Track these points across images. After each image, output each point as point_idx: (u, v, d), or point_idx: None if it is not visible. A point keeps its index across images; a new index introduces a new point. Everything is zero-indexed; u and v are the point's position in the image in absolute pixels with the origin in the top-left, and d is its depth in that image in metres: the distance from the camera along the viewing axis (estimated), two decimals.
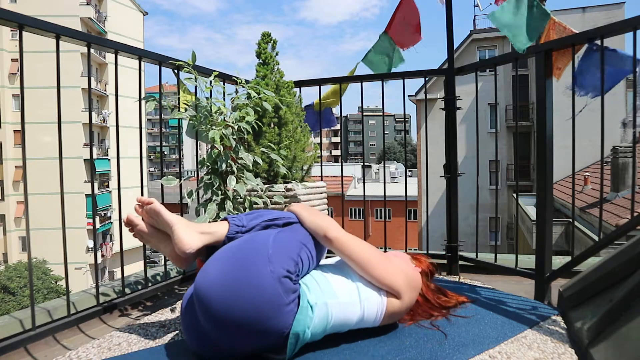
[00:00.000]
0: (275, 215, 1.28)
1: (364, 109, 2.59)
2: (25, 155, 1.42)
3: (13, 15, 1.25)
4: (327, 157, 49.60)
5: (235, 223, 1.23)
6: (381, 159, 55.28)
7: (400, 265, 1.32)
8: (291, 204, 1.38)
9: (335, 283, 1.20)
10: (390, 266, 1.26)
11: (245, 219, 1.25)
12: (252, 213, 1.30)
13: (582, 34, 1.63)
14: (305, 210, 1.31)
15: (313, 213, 1.30)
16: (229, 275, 1.05)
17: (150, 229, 1.26)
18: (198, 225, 1.21)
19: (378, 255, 1.26)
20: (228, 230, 1.21)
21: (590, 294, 1.39)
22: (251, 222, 1.25)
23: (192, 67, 1.72)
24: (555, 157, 1.71)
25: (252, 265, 1.05)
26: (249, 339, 1.04)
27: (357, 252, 1.23)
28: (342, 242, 1.22)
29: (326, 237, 1.22)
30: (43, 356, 1.35)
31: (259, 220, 1.26)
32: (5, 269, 16.54)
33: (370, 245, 1.30)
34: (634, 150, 1.74)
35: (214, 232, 1.20)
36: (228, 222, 1.24)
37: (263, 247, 1.10)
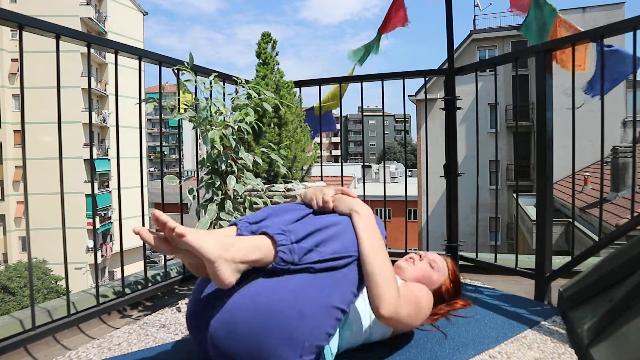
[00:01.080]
0: (337, 252, 1.02)
1: (364, 109, 2.59)
2: (25, 155, 1.42)
3: (13, 15, 1.25)
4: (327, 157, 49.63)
5: (284, 258, 0.98)
6: (381, 159, 55.28)
7: (425, 310, 1.19)
8: (357, 213, 1.10)
9: (350, 315, 1.17)
10: (420, 317, 1.16)
11: (297, 251, 0.99)
12: (308, 232, 1.02)
13: (583, 34, 1.63)
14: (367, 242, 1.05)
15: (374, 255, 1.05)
16: (252, 345, 0.94)
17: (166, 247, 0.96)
18: (239, 253, 0.95)
19: (418, 316, 1.14)
20: (274, 262, 0.99)
21: (590, 294, 1.39)
22: (305, 257, 0.99)
23: (191, 67, 1.72)
24: (555, 157, 1.71)
25: (280, 352, 0.93)
26: None
27: (402, 327, 1.13)
28: (392, 322, 1.06)
29: (378, 312, 1.03)
30: (43, 356, 1.35)
31: (314, 257, 1.00)
32: (5, 269, 16.54)
33: (414, 308, 1.12)
34: (634, 150, 1.74)
35: (257, 261, 0.98)
36: (275, 249, 0.98)
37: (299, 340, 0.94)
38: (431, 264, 1.40)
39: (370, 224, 1.09)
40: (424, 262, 1.41)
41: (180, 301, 1.79)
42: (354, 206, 1.12)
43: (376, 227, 1.11)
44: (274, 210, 1.15)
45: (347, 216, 1.11)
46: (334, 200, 1.16)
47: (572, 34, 1.75)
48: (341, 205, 1.14)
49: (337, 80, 2.48)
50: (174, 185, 1.69)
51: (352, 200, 1.15)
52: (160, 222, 0.90)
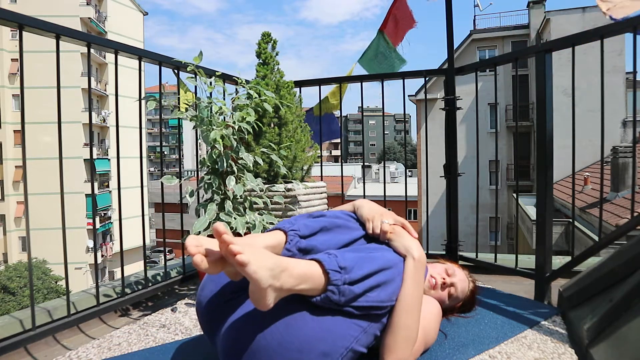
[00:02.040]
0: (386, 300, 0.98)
1: (364, 109, 2.59)
2: (25, 155, 1.42)
3: (13, 15, 1.25)
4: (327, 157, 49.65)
5: (332, 298, 0.92)
6: (381, 159, 55.28)
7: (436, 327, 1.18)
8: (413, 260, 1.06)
9: None
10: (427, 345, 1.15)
11: (347, 294, 0.92)
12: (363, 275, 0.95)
13: (583, 34, 1.63)
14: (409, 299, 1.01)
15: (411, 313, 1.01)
16: None
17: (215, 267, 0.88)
18: (289, 282, 0.87)
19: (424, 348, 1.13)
20: (319, 296, 0.92)
21: (590, 294, 1.39)
22: (352, 301, 0.93)
23: (196, 66, 1.73)
24: (555, 157, 1.71)
25: None
26: None
27: None
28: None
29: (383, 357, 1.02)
30: (43, 356, 1.35)
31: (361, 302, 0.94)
32: (5, 269, 16.53)
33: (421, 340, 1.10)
34: (634, 150, 1.74)
35: (304, 290, 0.91)
36: (325, 285, 0.92)
37: None
38: (450, 292, 1.31)
39: (419, 274, 1.06)
40: (444, 292, 1.31)
41: (180, 301, 1.79)
42: (411, 249, 1.08)
43: (422, 279, 1.07)
44: (327, 222, 1.10)
45: (401, 257, 1.07)
46: (391, 232, 1.12)
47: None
48: (398, 242, 1.10)
49: (337, 80, 2.48)
50: (174, 185, 1.69)
51: (410, 240, 1.10)
52: (219, 232, 0.82)
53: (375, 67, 2.51)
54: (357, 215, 1.22)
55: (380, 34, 2.50)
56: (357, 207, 1.24)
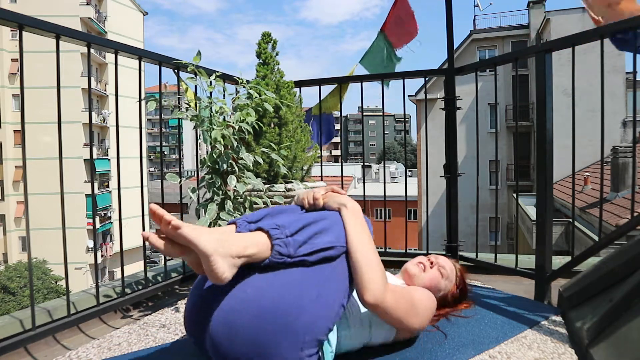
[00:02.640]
0: (329, 243, 1.04)
1: (364, 109, 2.59)
2: (25, 155, 1.42)
3: (13, 15, 1.25)
4: (327, 157, 49.64)
5: (280, 251, 0.99)
6: (381, 159, 55.28)
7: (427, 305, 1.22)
8: (345, 208, 1.14)
9: (349, 314, 1.17)
10: (416, 318, 1.17)
11: (292, 245, 1.00)
12: (302, 230, 1.03)
13: (583, 34, 1.63)
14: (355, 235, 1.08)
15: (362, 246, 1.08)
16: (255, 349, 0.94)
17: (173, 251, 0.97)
18: (235, 247, 0.96)
19: (412, 312, 1.15)
20: (269, 258, 1.00)
21: (590, 294, 1.39)
22: (299, 249, 1.01)
23: (196, 66, 1.73)
24: (555, 157, 1.71)
25: (282, 350, 0.93)
26: None
27: (391, 318, 1.11)
28: (378, 310, 1.08)
29: (363, 298, 1.05)
30: (43, 356, 1.35)
31: (308, 249, 1.01)
32: (5, 269, 16.55)
33: (405, 301, 1.13)
34: (634, 150, 1.74)
35: (253, 255, 0.99)
36: (271, 243, 1.00)
37: (298, 332, 0.94)
38: (440, 270, 1.39)
39: (357, 217, 1.13)
40: (434, 269, 1.39)
41: (180, 301, 1.79)
42: (342, 201, 1.16)
43: (363, 221, 1.15)
44: (271, 210, 1.17)
45: (336, 211, 1.15)
46: (324, 198, 1.20)
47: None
48: (330, 202, 1.18)
49: (337, 80, 2.48)
50: (175, 184, 1.69)
51: (341, 196, 1.20)
52: (157, 215, 0.91)
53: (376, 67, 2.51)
54: (296, 202, 1.29)
55: (381, 33, 2.49)
56: (295, 199, 1.32)
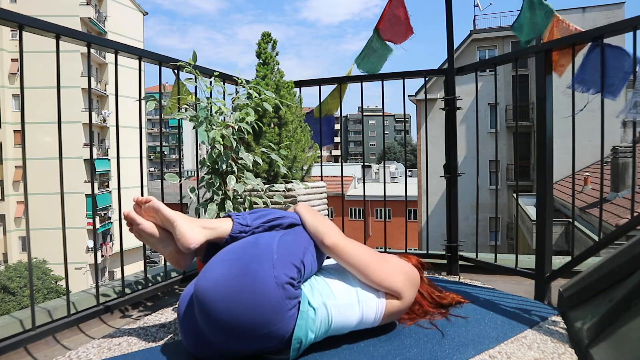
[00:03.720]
0: (280, 215, 1.26)
1: (364, 109, 2.59)
2: (25, 155, 1.42)
3: (13, 15, 1.25)
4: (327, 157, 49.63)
5: (239, 222, 1.20)
6: (381, 159, 55.28)
7: (398, 264, 1.31)
8: (296, 204, 1.37)
9: (333, 285, 1.20)
10: (388, 268, 1.25)
11: (249, 218, 1.23)
12: (256, 212, 1.27)
13: (583, 34, 1.63)
14: (307, 212, 1.29)
15: (315, 216, 1.28)
16: (232, 279, 1.04)
17: (151, 227, 1.19)
18: (200, 221, 1.18)
19: (376, 260, 1.25)
20: (231, 229, 1.19)
21: (590, 294, 1.39)
22: (255, 221, 1.22)
23: (193, 67, 1.72)
24: (555, 157, 1.71)
25: (256, 271, 1.04)
26: (250, 342, 1.05)
27: (354, 258, 1.22)
28: (338, 250, 1.21)
29: (323, 244, 1.21)
30: (43, 356, 1.35)
31: (262, 219, 1.23)
32: (5, 269, 16.54)
33: (367, 249, 1.28)
34: (634, 150, 1.74)
35: (217, 227, 1.18)
36: (232, 219, 1.21)
37: (267, 252, 1.09)
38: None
39: (309, 207, 1.33)
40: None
41: None
42: (294, 206, 1.36)
43: (315, 210, 1.34)
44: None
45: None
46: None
47: (567, 34, 1.75)
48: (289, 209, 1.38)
49: (337, 80, 2.48)
50: (175, 183, 1.69)
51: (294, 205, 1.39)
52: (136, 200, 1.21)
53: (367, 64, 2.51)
54: None
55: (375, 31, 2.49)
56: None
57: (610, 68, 1.54)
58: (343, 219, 2.54)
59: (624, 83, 1.53)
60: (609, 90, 1.56)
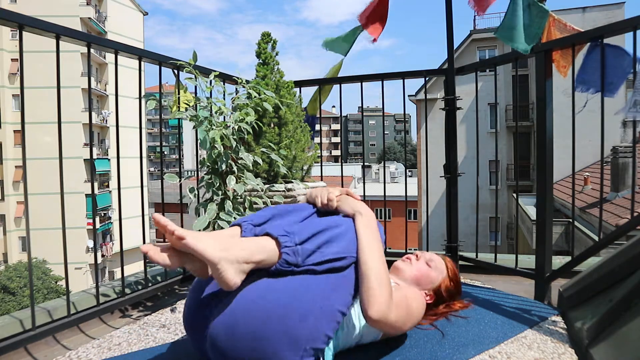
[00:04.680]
0: (339, 253, 1.03)
1: (364, 109, 2.59)
2: (25, 155, 1.42)
3: (13, 15, 1.25)
4: (327, 157, 49.60)
5: (288, 260, 0.98)
6: (381, 159, 55.26)
7: (415, 315, 1.19)
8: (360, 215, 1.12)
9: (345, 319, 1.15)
10: (410, 324, 1.17)
11: (301, 253, 0.99)
12: (312, 238, 1.02)
13: (583, 34, 1.63)
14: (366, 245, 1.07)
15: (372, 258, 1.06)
16: (252, 349, 0.94)
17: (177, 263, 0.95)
18: (242, 253, 0.94)
19: (407, 320, 1.14)
20: (276, 266, 0.99)
21: (590, 294, 1.39)
22: (308, 259, 1.00)
23: (193, 67, 1.72)
24: (555, 157, 1.71)
25: (280, 354, 0.94)
26: None
27: (390, 332, 1.11)
28: (379, 326, 1.07)
29: (366, 312, 1.03)
30: (43, 356, 1.35)
31: (317, 258, 1.00)
32: (5, 269, 16.54)
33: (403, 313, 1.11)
34: (634, 150, 1.74)
35: (261, 261, 0.98)
36: (280, 250, 0.98)
37: (299, 340, 0.95)
38: (428, 263, 1.38)
39: (371, 227, 1.11)
40: (421, 261, 1.39)
41: (180, 301, 1.79)
42: (357, 207, 1.13)
43: (376, 230, 1.12)
44: (278, 210, 1.15)
45: (349, 218, 1.12)
46: (338, 200, 1.17)
47: (568, 34, 1.74)
48: (345, 206, 1.15)
49: (338, 81, 2.48)
50: (174, 183, 1.69)
51: (355, 201, 1.17)
52: (161, 224, 0.89)
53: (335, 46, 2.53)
54: (308, 200, 1.27)
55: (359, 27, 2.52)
56: (307, 195, 1.30)
57: (610, 67, 1.54)
58: None
59: (622, 81, 1.53)
60: (608, 89, 1.56)
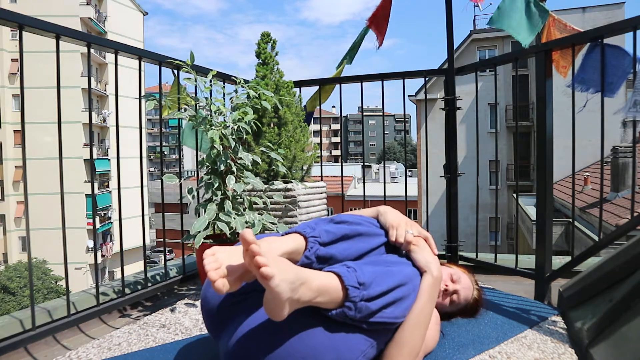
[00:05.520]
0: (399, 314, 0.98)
1: (364, 109, 2.59)
2: (25, 155, 1.42)
3: (13, 15, 1.25)
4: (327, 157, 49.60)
5: (347, 314, 0.90)
6: (381, 159, 55.26)
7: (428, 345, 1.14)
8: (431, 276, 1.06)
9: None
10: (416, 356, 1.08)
11: (363, 310, 0.91)
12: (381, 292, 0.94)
13: (583, 34, 1.63)
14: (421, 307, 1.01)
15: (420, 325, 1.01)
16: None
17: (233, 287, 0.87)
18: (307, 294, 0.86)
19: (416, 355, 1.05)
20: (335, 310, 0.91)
21: (590, 294, 1.39)
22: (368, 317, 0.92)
23: (191, 66, 1.72)
24: (555, 157, 1.71)
25: None
26: None
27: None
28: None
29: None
30: (43, 356, 1.35)
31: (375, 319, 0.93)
32: (5, 269, 16.53)
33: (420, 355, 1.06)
34: (634, 150, 1.74)
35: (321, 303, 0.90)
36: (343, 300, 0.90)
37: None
38: (452, 298, 1.29)
39: (435, 292, 1.06)
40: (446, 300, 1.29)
41: (180, 301, 1.79)
42: (431, 265, 1.07)
43: (436, 296, 1.07)
44: (349, 230, 1.08)
45: (417, 272, 1.07)
46: (415, 244, 1.11)
47: (568, 34, 1.75)
48: (419, 256, 1.09)
49: (338, 81, 2.48)
50: (174, 184, 1.69)
51: (431, 255, 1.10)
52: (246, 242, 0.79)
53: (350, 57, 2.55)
54: (381, 221, 1.20)
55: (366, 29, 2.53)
56: (381, 213, 1.22)
57: (610, 66, 1.54)
58: None
59: (622, 81, 1.53)
60: (608, 89, 1.56)
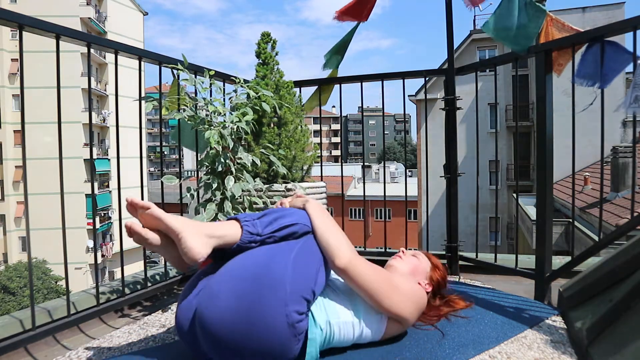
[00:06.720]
0: (292, 221, 1.16)
1: (364, 109, 2.59)
2: (25, 155, 1.42)
3: (13, 15, 1.25)
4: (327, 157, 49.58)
5: (249, 230, 1.11)
6: (381, 159, 55.24)
7: (409, 292, 1.26)
8: (308, 202, 1.27)
9: (338, 302, 1.19)
10: (398, 296, 1.21)
11: (259, 225, 1.13)
12: (266, 215, 1.17)
13: (583, 34, 1.63)
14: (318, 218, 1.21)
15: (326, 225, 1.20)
16: (241, 315, 0.99)
17: (154, 238, 1.07)
18: (206, 227, 1.07)
19: (387, 287, 1.19)
20: (240, 238, 1.10)
21: (590, 294, 1.39)
22: (266, 229, 1.13)
23: (188, 67, 1.72)
24: (555, 157, 1.71)
25: (267, 306, 1.00)
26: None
27: (364, 284, 1.16)
28: (349, 274, 1.15)
29: (334, 264, 1.15)
30: (43, 356, 1.35)
31: (274, 227, 1.14)
32: (5, 269, 16.54)
33: (379, 272, 1.21)
34: (634, 150, 1.74)
35: (224, 235, 1.09)
36: (240, 225, 1.12)
37: (280, 283, 1.02)
38: (414, 255, 1.49)
39: (320, 209, 1.25)
40: (408, 255, 1.49)
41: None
42: (305, 199, 1.29)
43: (326, 212, 1.26)
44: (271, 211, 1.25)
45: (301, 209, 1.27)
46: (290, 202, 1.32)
47: (567, 33, 1.74)
48: (296, 202, 1.30)
49: (337, 81, 2.48)
50: (174, 184, 1.69)
51: (304, 197, 1.33)
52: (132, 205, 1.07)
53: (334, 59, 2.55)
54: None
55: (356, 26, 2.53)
56: None
57: (608, 60, 1.54)
58: (343, 219, 2.54)
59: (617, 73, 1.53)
60: (604, 79, 1.56)
